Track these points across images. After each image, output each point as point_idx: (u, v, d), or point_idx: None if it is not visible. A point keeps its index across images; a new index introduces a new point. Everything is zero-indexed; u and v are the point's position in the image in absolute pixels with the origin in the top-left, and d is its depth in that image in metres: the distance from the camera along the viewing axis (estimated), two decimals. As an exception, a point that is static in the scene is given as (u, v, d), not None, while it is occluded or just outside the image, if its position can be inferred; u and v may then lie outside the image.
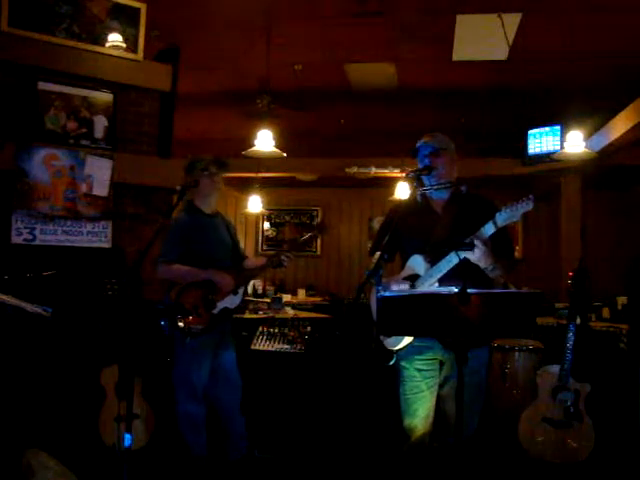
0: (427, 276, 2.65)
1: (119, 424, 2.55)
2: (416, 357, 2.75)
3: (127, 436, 2.43)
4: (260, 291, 7.60)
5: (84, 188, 4.24)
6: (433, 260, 2.64)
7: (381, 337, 2.72)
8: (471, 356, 2.22)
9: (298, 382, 4.84)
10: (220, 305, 3.30)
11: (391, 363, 2.72)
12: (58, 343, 3.90)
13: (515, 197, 2.50)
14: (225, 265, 3.39)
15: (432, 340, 2.68)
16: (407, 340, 2.68)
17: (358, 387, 4.57)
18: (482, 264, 2.55)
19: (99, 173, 4.29)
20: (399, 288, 2.69)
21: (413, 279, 2.70)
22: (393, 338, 2.68)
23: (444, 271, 2.59)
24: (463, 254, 2.54)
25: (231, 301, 3.35)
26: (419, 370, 2.75)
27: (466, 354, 2.20)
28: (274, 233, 10.29)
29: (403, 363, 2.78)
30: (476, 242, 2.49)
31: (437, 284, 2.63)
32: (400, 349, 2.71)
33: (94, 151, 4.31)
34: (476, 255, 2.50)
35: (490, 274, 2.61)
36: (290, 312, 5.99)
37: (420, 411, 2.75)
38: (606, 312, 5.56)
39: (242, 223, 9.94)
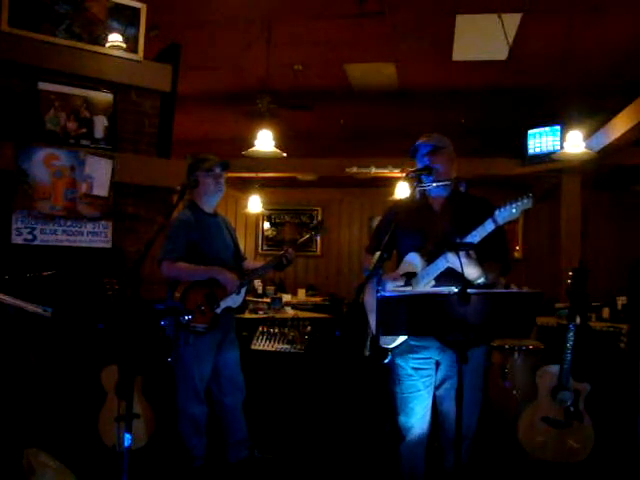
0: (424, 274, 2.64)
1: (119, 424, 2.55)
2: (412, 356, 2.75)
3: (127, 436, 2.43)
4: (260, 291, 7.58)
5: (84, 188, 4.24)
6: (430, 258, 2.64)
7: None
8: (470, 356, 2.22)
9: (298, 382, 4.84)
10: (223, 304, 3.31)
11: (386, 361, 2.72)
12: (58, 343, 3.90)
13: (515, 197, 2.49)
14: (228, 264, 3.39)
15: (429, 340, 2.68)
16: (401, 338, 2.68)
17: (357, 387, 4.56)
18: (468, 276, 2.53)
19: (99, 173, 4.29)
20: (395, 286, 2.69)
21: (409, 277, 2.69)
22: (388, 336, 2.68)
23: (441, 269, 2.59)
24: (447, 263, 2.54)
25: (234, 300, 3.36)
26: (415, 369, 2.75)
27: (466, 353, 2.20)
28: (274, 233, 10.29)
29: (399, 362, 2.78)
30: (460, 255, 2.44)
31: (434, 282, 2.63)
32: (395, 347, 2.71)
33: (94, 151, 4.31)
34: (455, 264, 2.47)
35: (480, 282, 2.58)
36: (290, 312, 5.99)
37: (417, 410, 2.75)
38: (606, 312, 5.57)
39: (242, 223, 9.95)
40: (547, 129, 6.64)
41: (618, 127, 5.46)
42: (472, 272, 2.54)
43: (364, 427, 4.18)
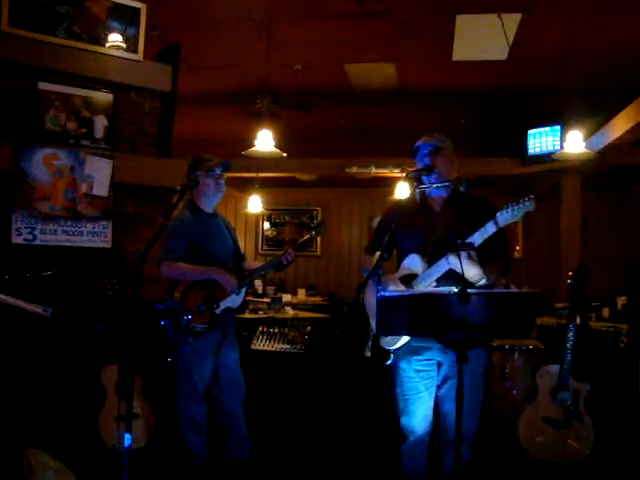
0: (425, 275, 2.64)
1: (119, 424, 2.55)
2: (414, 358, 2.75)
3: (127, 436, 2.43)
4: (260, 291, 7.59)
5: (84, 188, 4.24)
6: (431, 260, 2.64)
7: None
8: (470, 356, 2.22)
9: (298, 382, 4.84)
10: (223, 305, 3.31)
11: (388, 363, 2.72)
12: (58, 343, 3.90)
13: (515, 197, 2.49)
14: (228, 265, 3.39)
15: (430, 341, 2.68)
16: (404, 340, 2.68)
17: (357, 387, 4.57)
18: (470, 277, 2.53)
19: (99, 173, 4.29)
20: (396, 288, 2.69)
21: (410, 278, 2.69)
22: (389, 337, 2.68)
23: (443, 271, 2.58)
24: (448, 266, 2.54)
25: (233, 301, 3.36)
26: (417, 371, 2.75)
27: (466, 354, 2.20)
28: (274, 233, 10.30)
29: (401, 364, 2.78)
30: (461, 256, 2.45)
31: (435, 283, 2.62)
32: (397, 349, 2.71)
33: (94, 151, 4.31)
34: (456, 266, 2.47)
35: (482, 284, 2.58)
36: (290, 312, 5.99)
37: (418, 412, 2.75)
38: (606, 312, 5.57)
39: (242, 223, 9.96)
40: (547, 129, 6.64)
41: (618, 127, 5.46)
42: (474, 274, 2.53)
43: (364, 427, 4.18)
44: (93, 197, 4.28)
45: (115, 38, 4.38)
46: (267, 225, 10.31)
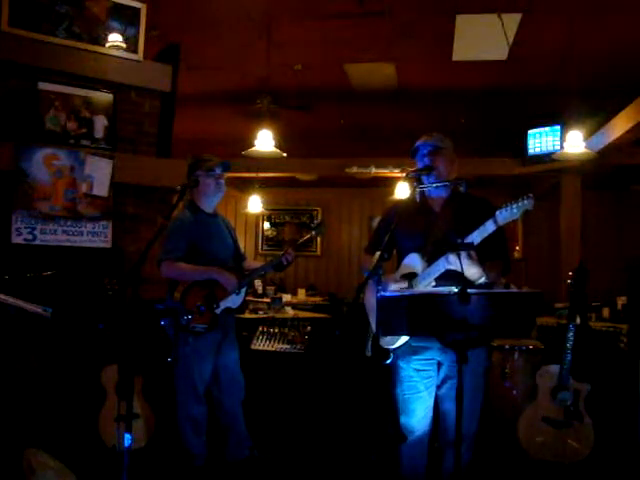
0: (425, 275, 2.64)
1: (119, 424, 2.55)
2: (414, 357, 2.75)
3: (127, 436, 2.43)
4: (260, 291, 7.59)
5: (84, 188, 4.24)
6: (431, 259, 2.64)
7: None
8: (470, 356, 2.22)
9: (298, 382, 4.84)
10: (223, 305, 3.31)
11: (388, 362, 2.72)
12: (58, 343, 3.90)
13: (515, 197, 2.50)
14: (228, 265, 3.39)
15: (430, 340, 2.68)
16: (403, 339, 2.68)
17: (358, 387, 4.57)
18: (470, 276, 2.54)
19: (99, 173, 4.29)
20: (397, 287, 2.69)
21: (410, 277, 2.69)
22: (389, 337, 2.68)
23: (442, 270, 2.59)
24: (448, 265, 2.54)
25: (233, 301, 3.36)
26: (417, 370, 2.75)
27: (466, 354, 2.20)
28: (274, 233, 10.30)
29: (400, 363, 2.78)
30: (461, 255, 2.46)
31: (434, 283, 2.63)
32: (396, 348, 2.71)
33: (94, 151, 4.31)
34: (456, 265, 2.48)
35: (481, 282, 2.59)
36: (290, 312, 5.99)
37: (418, 411, 2.75)
38: (606, 312, 5.57)
39: (242, 223, 9.96)
40: (547, 129, 6.64)
41: (618, 127, 5.46)
42: (473, 272, 2.54)
43: (364, 427, 4.18)
44: (93, 197, 4.28)
45: (115, 38, 4.38)
46: (267, 225, 10.31)
